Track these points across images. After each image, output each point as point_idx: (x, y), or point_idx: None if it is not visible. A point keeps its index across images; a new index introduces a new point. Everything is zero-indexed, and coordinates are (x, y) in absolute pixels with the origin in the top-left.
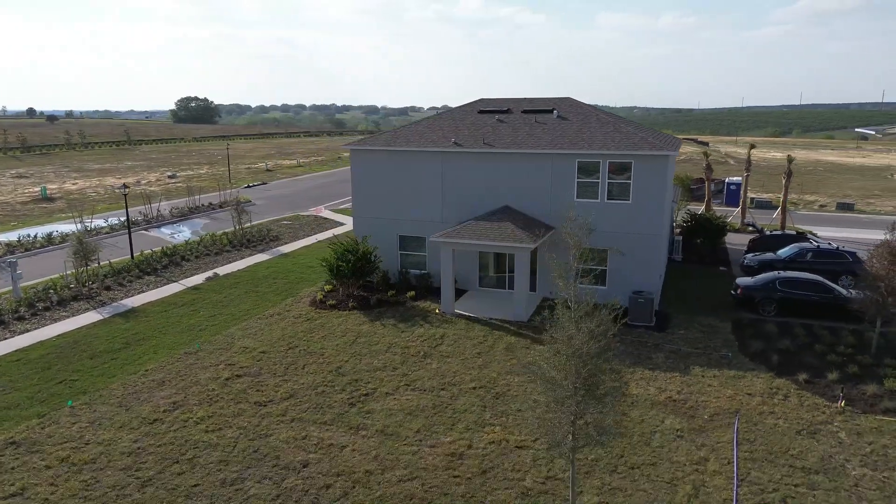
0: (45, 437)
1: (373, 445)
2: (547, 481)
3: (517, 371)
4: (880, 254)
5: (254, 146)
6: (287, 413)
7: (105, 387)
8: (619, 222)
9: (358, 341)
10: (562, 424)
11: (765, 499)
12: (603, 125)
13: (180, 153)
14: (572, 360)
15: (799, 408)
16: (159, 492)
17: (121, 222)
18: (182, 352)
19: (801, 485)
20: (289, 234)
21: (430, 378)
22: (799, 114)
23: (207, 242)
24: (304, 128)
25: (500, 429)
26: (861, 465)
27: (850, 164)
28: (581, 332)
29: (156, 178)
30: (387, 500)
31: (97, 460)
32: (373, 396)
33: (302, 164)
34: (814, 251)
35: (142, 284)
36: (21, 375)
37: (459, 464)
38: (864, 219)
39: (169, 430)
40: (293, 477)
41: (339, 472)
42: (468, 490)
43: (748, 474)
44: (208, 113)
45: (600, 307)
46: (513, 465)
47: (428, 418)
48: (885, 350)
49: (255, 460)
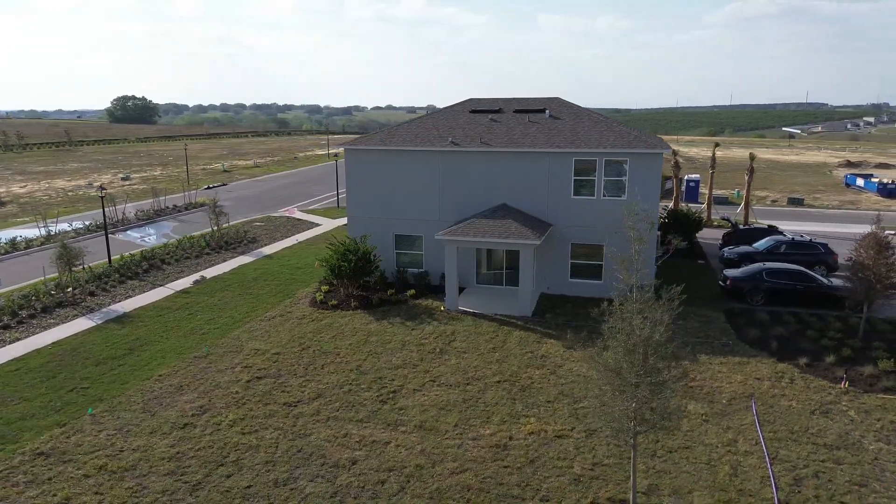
0: (73, 447)
1: (415, 441)
2: (595, 467)
3: (537, 365)
4: (867, 244)
5: (204, 147)
6: (320, 412)
7: (121, 393)
8: (616, 218)
9: (370, 340)
10: (626, 411)
11: (798, 475)
12: (596, 124)
13: (126, 154)
14: (640, 347)
15: (806, 390)
16: (212, 495)
17: (86, 226)
18: (191, 356)
19: (827, 460)
20: (266, 236)
21: (452, 374)
22: (730, 114)
23: (186, 245)
24: (251, 128)
25: (535, 420)
26: (876, 440)
27: (787, 162)
28: (647, 321)
29: (108, 180)
30: (444, 493)
31: (137, 467)
32: (401, 393)
33: (259, 164)
34: (788, 243)
35: (126, 289)
36: (26, 385)
37: (505, 454)
38: (814, 213)
39: (204, 434)
40: (345, 474)
41: (390, 467)
42: (521, 479)
43: (777, 453)
44: (147, 112)
45: (661, 296)
46: (557, 453)
47: (461, 412)
48: (871, 334)
49: (301, 460)
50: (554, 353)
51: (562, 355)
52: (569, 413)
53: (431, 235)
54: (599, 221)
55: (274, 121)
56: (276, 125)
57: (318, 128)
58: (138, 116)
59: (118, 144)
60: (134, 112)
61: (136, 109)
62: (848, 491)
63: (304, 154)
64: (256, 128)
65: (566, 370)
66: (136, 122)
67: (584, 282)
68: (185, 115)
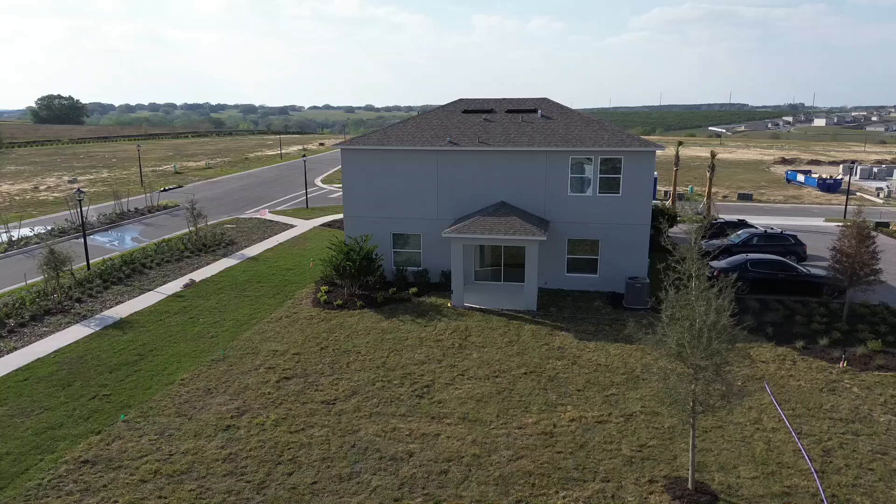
0: (117, 454)
1: (464, 432)
2: (642, 449)
3: (556, 356)
4: (850, 234)
5: (147, 148)
6: (360, 409)
7: (148, 399)
8: (611, 214)
9: (386, 338)
10: (689, 393)
11: (825, 447)
12: (588, 124)
13: (65, 156)
14: (704, 331)
15: (809, 370)
16: (280, 492)
17: (48, 231)
18: (208, 359)
19: (847, 433)
20: (242, 238)
21: (478, 367)
22: (660, 114)
23: (164, 249)
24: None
25: (572, 408)
26: (884, 413)
27: (725, 160)
28: (710, 308)
29: (54, 183)
30: (508, 479)
31: (192, 470)
32: (434, 388)
33: (211, 165)
34: (761, 235)
35: (114, 294)
36: (42, 394)
37: (555, 441)
38: (765, 207)
39: (250, 435)
40: (406, 466)
41: (448, 458)
42: (576, 463)
43: (801, 429)
44: (75, 112)
45: (720, 284)
46: (602, 438)
47: (499, 404)
48: (852, 317)
49: (358, 455)
50: (569, 345)
51: (577, 346)
52: (601, 400)
53: (429, 234)
54: (595, 218)
55: (209, 120)
56: (211, 125)
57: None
58: (65, 116)
59: (53, 146)
60: (60, 112)
61: (62, 109)
62: (872, 459)
63: (254, 155)
64: (191, 128)
65: (586, 360)
66: (62, 122)
67: (581, 276)
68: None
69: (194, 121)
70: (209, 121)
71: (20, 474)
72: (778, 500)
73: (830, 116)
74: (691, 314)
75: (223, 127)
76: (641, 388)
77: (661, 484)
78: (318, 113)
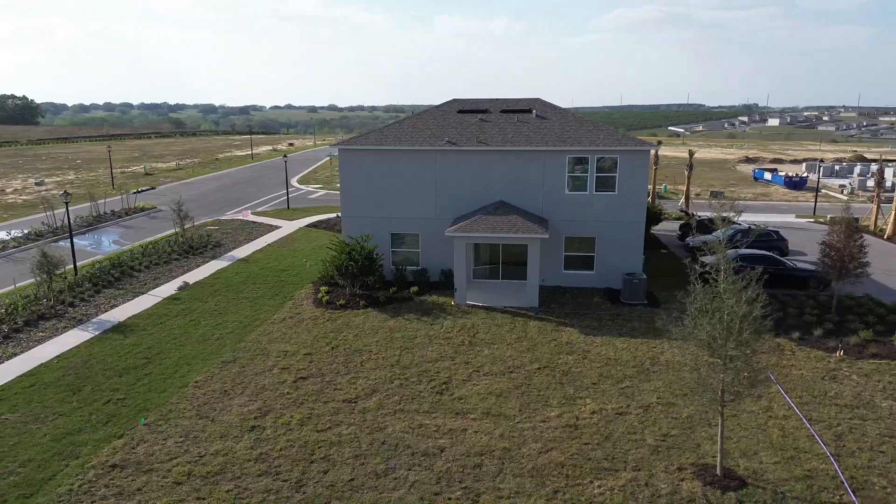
0: (145, 457)
1: (490, 426)
2: (665, 438)
3: (566, 351)
4: (838, 229)
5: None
6: (383, 406)
7: (165, 402)
8: (607, 212)
9: (395, 336)
10: (719, 382)
11: (836, 431)
12: (582, 124)
13: (26, 157)
14: (735, 322)
15: (808, 360)
16: (319, 489)
17: (25, 234)
18: (219, 361)
19: (854, 418)
20: (228, 240)
21: (491, 363)
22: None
23: (151, 251)
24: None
25: (591, 401)
26: (884, 398)
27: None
28: (740, 300)
29: (20, 185)
30: (541, 470)
31: (226, 470)
32: (452, 384)
33: (181, 166)
34: (744, 231)
35: (107, 298)
36: (53, 400)
37: (580, 433)
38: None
39: (278, 435)
40: (439, 461)
41: (479, 452)
42: (605, 453)
43: (810, 415)
44: (29, 112)
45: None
46: (625, 429)
47: (519, 398)
48: (841, 309)
49: (390, 450)
50: (576, 340)
51: (585, 341)
52: (617, 393)
53: (428, 233)
54: (591, 216)
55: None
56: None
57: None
58: (19, 117)
59: (12, 147)
60: (14, 112)
61: (16, 109)
62: (882, 442)
63: (224, 155)
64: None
65: (595, 354)
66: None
67: (578, 273)
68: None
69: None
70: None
71: (47, 481)
72: (801, 483)
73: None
74: (721, 306)
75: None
76: (653, 380)
77: (690, 471)
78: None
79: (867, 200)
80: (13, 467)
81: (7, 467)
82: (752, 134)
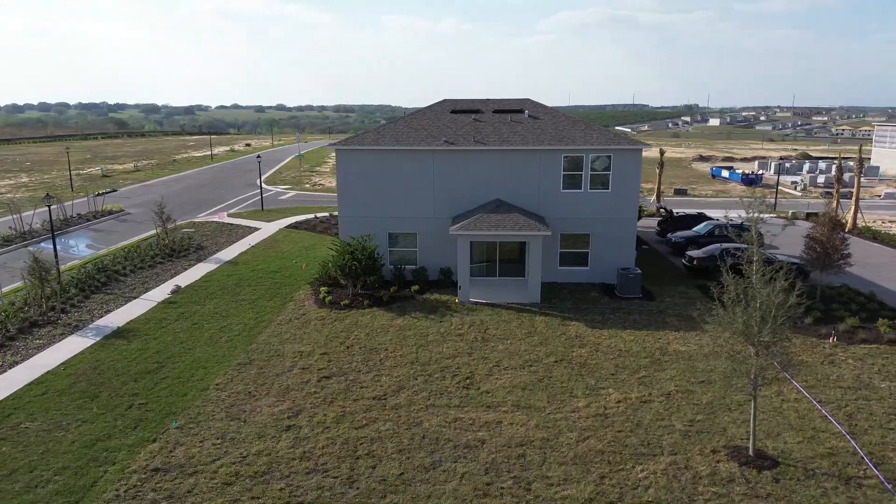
0: (186, 460)
1: (523, 418)
2: (693, 424)
3: (577, 344)
4: (822, 223)
5: (58, 150)
6: (413, 402)
7: (190, 405)
8: (601, 209)
9: (407, 334)
10: (752, 367)
11: (846, 412)
12: (575, 123)
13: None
14: (771, 310)
15: (805, 346)
16: (372, 484)
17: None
18: (234, 363)
19: (859, 399)
20: (210, 242)
21: (508, 358)
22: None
23: (134, 255)
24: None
25: (614, 391)
26: (882, 380)
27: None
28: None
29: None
30: (584, 457)
31: (273, 469)
32: (476, 379)
33: (140, 168)
34: (723, 226)
35: (98, 304)
36: (71, 407)
37: (611, 421)
38: (700, 200)
39: (316, 433)
40: (483, 453)
41: (519, 443)
42: (640, 440)
43: (819, 398)
44: None
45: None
46: (653, 416)
47: (544, 391)
48: (824, 298)
49: (432, 444)
50: (585, 333)
51: (593, 334)
52: (637, 382)
53: (426, 232)
54: (586, 213)
55: (110, 121)
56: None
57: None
58: None
59: None
60: None
61: None
62: (890, 420)
63: (181, 157)
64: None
65: (606, 346)
66: None
67: (573, 269)
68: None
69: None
70: (111, 121)
71: (89, 487)
72: (827, 460)
73: (724, 116)
74: (756, 295)
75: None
76: (667, 369)
77: (724, 453)
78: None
79: (819, 196)
80: (48, 475)
81: (42, 475)
82: (695, 133)
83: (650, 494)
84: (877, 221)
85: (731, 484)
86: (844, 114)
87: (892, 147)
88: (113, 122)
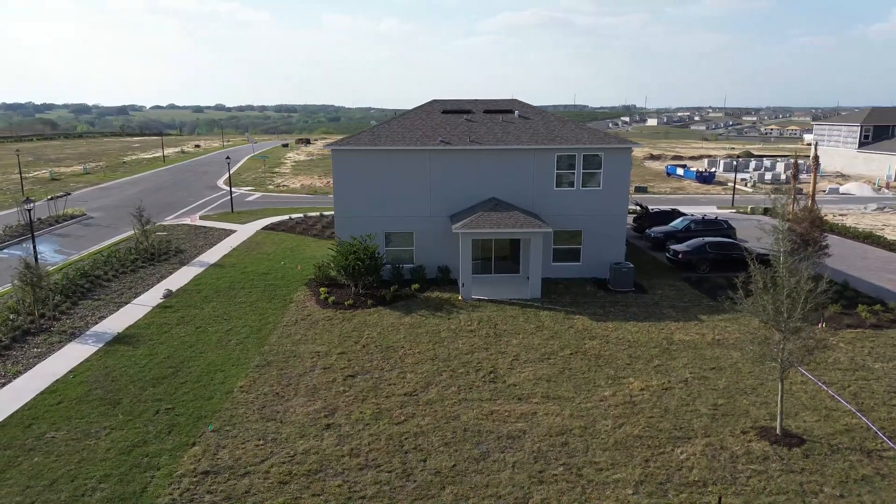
0: (234, 462)
1: (557, 409)
2: (717, 407)
3: (587, 336)
4: (802, 217)
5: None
6: (445, 398)
7: (219, 408)
8: (592, 206)
9: (418, 332)
10: (780, 352)
11: (850, 391)
12: (565, 123)
13: None
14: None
15: None
16: (427, 476)
17: None
18: (252, 365)
19: (858, 379)
20: (188, 245)
21: (525, 352)
22: None
23: (113, 260)
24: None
25: (634, 379)
26: (874, 361)
27: None
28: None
29: None
30: (624, 443)
31: (326, 467)
32: (499, 373)
33: (90, 171)
34: (698, 221)
35: (88, 310)
36: (97, 415)
37: (639, 409)
38: (661, 197)
39: (358, 431)
40: (527, 442)
41: (559, 431)
42: (672, 424)
43: (823, 380)
44: None
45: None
46: (677, 402)
47: (567, 381)
48: None
49: (475, 436)
50: (591, 326)
51: (599, 327)
52: (653, 371)
53: (422, 231)
54: (578, 210)
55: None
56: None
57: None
58: None
59: None
60: None
61: None
62: (891, 397)
63: (131, 158)
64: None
65: (615, 338)
66: None
67: (566, 265)
68: None
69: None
70: (40, 122)
71: (140, 493)
72: (846, 436)
73: (661, 116)
74: (784, 284)
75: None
76: (678, 358)
77: (753, 433)
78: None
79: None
80: (92, 484)
81: (85, 484)
82: (634, 133)
83: (695, 474)
84: (828, 215)
85: (766, 462)
86: (772, 114)
87: (830, 145)
88: (42, 123)
